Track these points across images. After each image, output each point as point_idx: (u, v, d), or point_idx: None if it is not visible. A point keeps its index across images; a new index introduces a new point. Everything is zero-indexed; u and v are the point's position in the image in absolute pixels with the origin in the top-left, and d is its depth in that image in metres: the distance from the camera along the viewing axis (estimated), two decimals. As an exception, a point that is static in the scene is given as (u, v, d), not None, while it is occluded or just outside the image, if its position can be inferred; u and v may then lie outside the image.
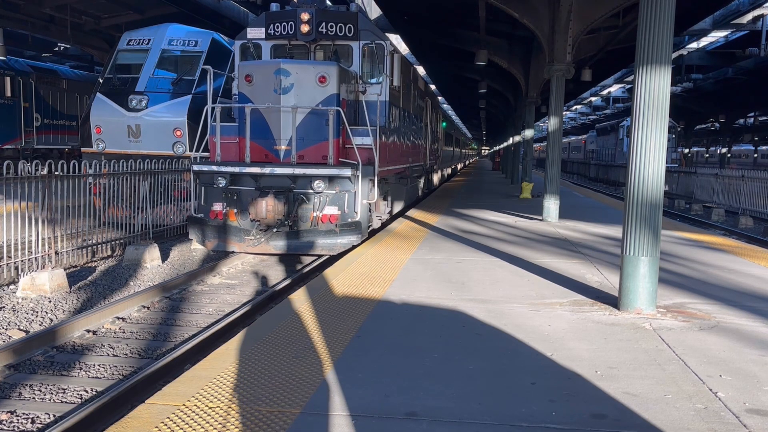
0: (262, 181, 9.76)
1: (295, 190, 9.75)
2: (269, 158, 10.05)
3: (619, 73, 36.59)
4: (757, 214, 19.54)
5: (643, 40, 5.46)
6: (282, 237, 9.78)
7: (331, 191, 9.76)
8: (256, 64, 10.46)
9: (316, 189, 9.64)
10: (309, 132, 9.98)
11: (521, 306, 5.89)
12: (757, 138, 61.75)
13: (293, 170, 9.58)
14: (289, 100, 9.81)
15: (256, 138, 10.00)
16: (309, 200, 9.81)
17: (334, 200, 9.77)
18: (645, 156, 5.48)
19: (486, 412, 3.52)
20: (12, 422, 4.68)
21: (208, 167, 9.98)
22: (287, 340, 4.72)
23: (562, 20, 12.98)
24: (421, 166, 17.76)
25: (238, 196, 9.97)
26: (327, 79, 9.90)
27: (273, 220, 9.59)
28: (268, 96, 9.86)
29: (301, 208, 9.82)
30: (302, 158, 9.94)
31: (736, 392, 3.86)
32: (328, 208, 9.78)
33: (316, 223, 9.75)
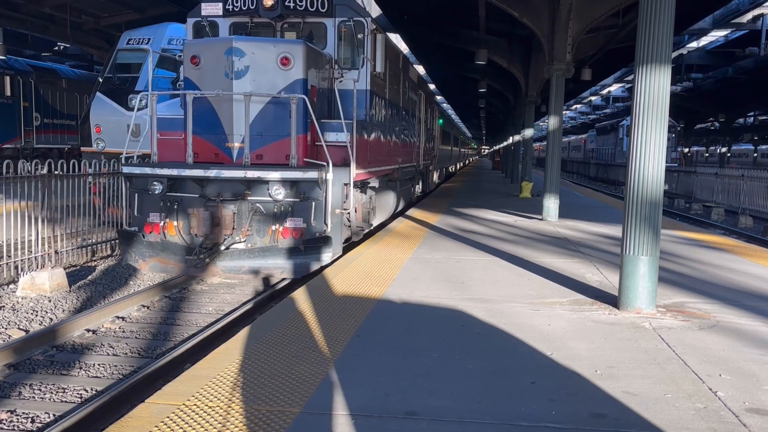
0: (209, 187, 8.11)
1: (249, 197, 8.06)
2: (220, 158, 8.36)
3: (619, 73, 36.63)
4: (757, 214, 19.54)
5: (643, 40, 5.45)
6: (232, 256, 8.06)
7: (295, 199, 8.07)
8: (203, 42, 8.83)
9: (275, 196, 7.91)
10: (268, 126, 8.31)
11: (521, 305, 5.89)
12: (756, 137, 61.76)
13: (245, 173, 7.82)
14: (244, 87, 8.11)
15: (204, 133, 8.37)
16: (267, 210, 8.14)
17: (299, 210, 8.10)
18: (645, 155, 5.48)
19: (486, 411, 3.52)
20: (12, 421, 4.68)
21: (140, 169, 8.36)
22: (287, 340, 4.72)
23: (562, 19, 12.98)
24: (413, 167, 16.20)
25: (180, 205, 8.27)
26: (291, 60, 8.22)
27: (219, 235, 7.98)
28: (217, 81, 8.20)
29: (256, 220, 8.19)
30: (260, 158, 8.29)
31: (735, 391, 3.86)
32: (291, 220, 8.10)
33: (276, 238, 8.09)
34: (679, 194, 26.15)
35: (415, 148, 16.58)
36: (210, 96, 8.29)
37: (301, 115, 8.21)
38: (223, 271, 8.09)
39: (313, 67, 8.70)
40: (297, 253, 8.03)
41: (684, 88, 37.66)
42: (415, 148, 16.44)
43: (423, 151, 18.23)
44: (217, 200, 8.07)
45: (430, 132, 21.17)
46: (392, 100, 12.25)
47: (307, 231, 8.14)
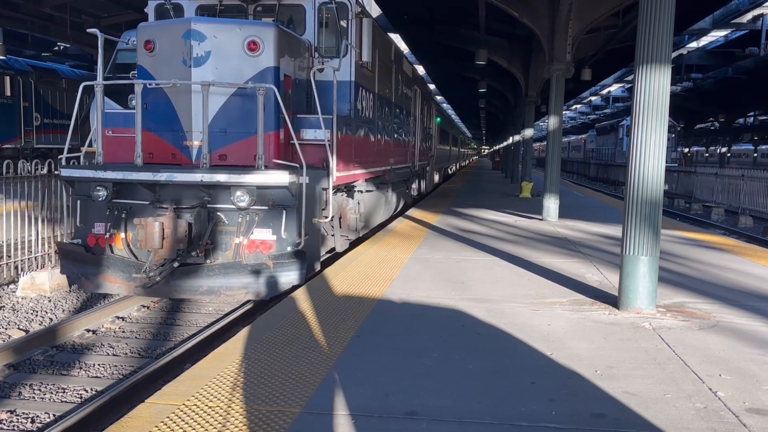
0: (162, 193, 6.96)
1: (209, 205, 6.96)
2: (177, 159, 7.20)
3: (619, 73, 36.62)
4: (757, 214, 19.54)
5: (643, 40, 5.45)
6: (188, 275, 6.90)
7: (262, 207, 6.92)
8: (158, 25, 7.70)
9: (238, 203, 6.76)
10: (233, 121, 7.21)
11: (521, 305, 5.89)
12: (756, 137, 61.76)
13: (201, 176, 6.69)
14: (204, 75, 6.99)
15: (160, 130, 7.27)
16: (230, 220, 7.05)
17: (267, 220, 6.97)
18: (645, 155, 5.48)
19: (486, 411, 3.52)
20: (12, 422, 4.68)
21: (81, 172, 7.20)
22: (287, 340, 4.72)
23: (562, 19, 12.98)
24: (408, 168, 15.11)
25: (129, 214, 7.16)
26: (260, 45, 7.15)
27: (171, 249, 6.79)
28: (174, 70, 7.07)
29: (217, 231, 7.04)
30: (224, 159, 7.21)
31: (735, 391, 3.86)
32: (258, 231, 6.97)
33: (240, 253, 6.92)
34: (679, 194, 26.16)
35: (410, 147, 15.62)
36: (166, 87, 7.16)
37: (271, 109, 7.10)
38: (177, 292, 6.94)
39: (288, 55, 7.60)
40: (264, 271, 6.85)
41: (684, 88, 37.66)
42: (409, 147, 15.50)
43: (419, 151, 17.26)
44: (170, 208, 6.84)
45: (427, 131, 20.22)
46: (383, 94, 11.21)
47: (278, 244, 6.95)
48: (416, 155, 16.64)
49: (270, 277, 6.86)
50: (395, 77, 12.61)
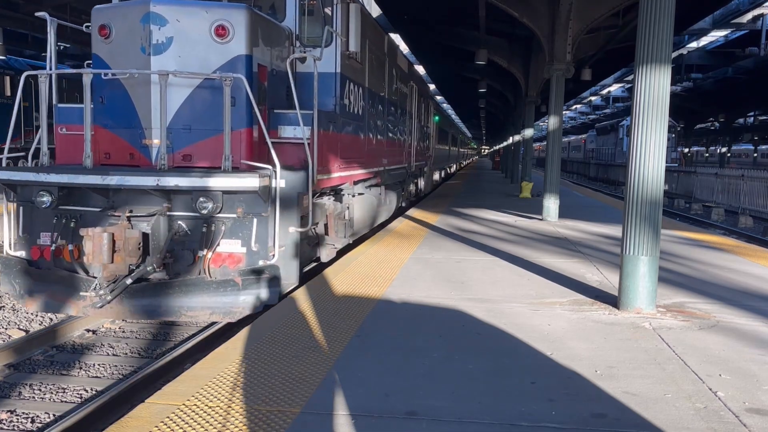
0: (117, 199, 6.24)
1: (169, 212, 6.20)
2: (136, 159, 6.45)
3: (619, 73, 36.65)
4: (757, 214, 19.55)
5: (643, 40, 5.46)
6: (144, 293, 6.09)
7: (230, 215, 6.20)
8: (113, 7, 6.81)
9: (201, 211, 6.03)
10: (199, 117, 6.41)
11: (521, 305, 5.89)
12: (756, 137, 61.77)
13: (157, 180, 5.89)
14: (165, 64, 6.22)
15: (117, 127, 6.50)
16: (193, 230, 6.27)
17: (235, 230, 6.25)
18: (645, 155, 5.48)
19: (486, 411, 3.52)
20: (12, 421, 4.68)
21: (21, 175, 6.35)
22: (287, 340, 4.72)
23: (561, 19, 12.98)
24: (404, 169, 14.31)
25: (78, 223, 6.36)
26: (229, 30, 6.37)
27: (123, 264, 6.00)
28: (132, 58, 6.31)
29: (178, 243, 6.28)
30: (188, 159, 6.45)
31: (735, 391, 3.86)
32: (225, 243, 6.24)
33: (205, 268, 6.17)
34: (679, 194, 26.16)
35: (406, 147, 14.85)
36: (122, 78, 6.39)
37: (242, 103, 6.32)
38: (131, 313, 6.14)
39: (264, 42, 6.84)
40: (232, 289, 6.11)
41: (684, 88, 37.68)
42: (405, 147, 14.68)
43: (416, 150, 16.49)
44: (123, 217, 6.10)
45: (425, 130, 19.44)
46: (374, 89, 10.40)
47: (248, 258, 6.25)
48: (413, 155, 15.91)
49: (238, 296, 6.10)
50: (389, 71, 11.87)
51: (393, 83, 12.50)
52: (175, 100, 6.35)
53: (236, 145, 6.38)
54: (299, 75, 7.36)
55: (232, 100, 6.17)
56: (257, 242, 6.23)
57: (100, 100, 6.61)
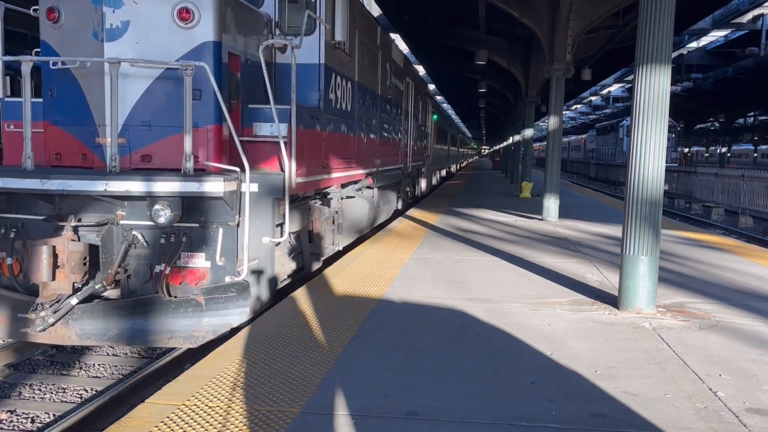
0: (64, 206, 5.61)
1: (123, 221, 5.55)
2: (89, 160, 5.73)
3: (619, 73, 36.67)
4: (757, 214, 19.55)
5: (643, 40, 5.46)
6: (93, 314, 5.38)
7: (191, 224, 5.54)
8: None
9: (157, 219, 5.34)
10: (161, 112, 5.69)
11: (521, 305, 5.89)
12: (756, 137, 61.78)
13: (105, 184, 5.23)
14: (121, 52, 5.49)
15: (68, 123, 5.81)
16: (151, 242, 5.60)
17: (198, 242, 5.59)
18: (645, 155, 5.48)
19: (486, 411, 3.52)
20: (12, 421, 4.68)
21: None
22: (287, 340, 4.72)
23: (562, 19, 12.98)
24: (399, 170, 13.59)
25: (19, 233, 5.71)
26: (194, 14, 5.62)
27: (67, 281, 5.34)
28: (84, 45, 5.60)
29: (133, 256, 5.60)
30: (148, 160, 5.72)
31: (735, 391, 3.86)
32: (186, 256, 5.59)
33: (163, 285, 5.44)
34: (679, 194, 26.16)
35: (402, 147, 14.07)
36: (73, 67, 5.66)
37: (209, 96, 5.57)
38: (78, 336, 5.37)
39: (236, 29, 6.14)
40: (194, 309, 5.45)
41: (684, 88, 37.69)
42: (401, 147, 13.95)
43: (412, 150, 15.68)
44: (67, 226, 5.36)
45: (422, 128, 18.63)
46: (365, 83, 9.67)
47: (212, 274, 5.58)
48: (409, 155, 15.18)
49: (201, 318, 5.44)
50: (382, 66, 11.09)
51: (387, 79, 11.73)
52: (133, 93, 5.64)
53: (202, 144, 5.67)
54: (280, 66, 6.74)
55: (197, 92, 5.54)
56: (223, 255, 5.54)
57: (50, 93, 5.88)
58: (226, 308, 5.47)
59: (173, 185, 5.29)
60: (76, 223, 5.45)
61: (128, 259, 5.58)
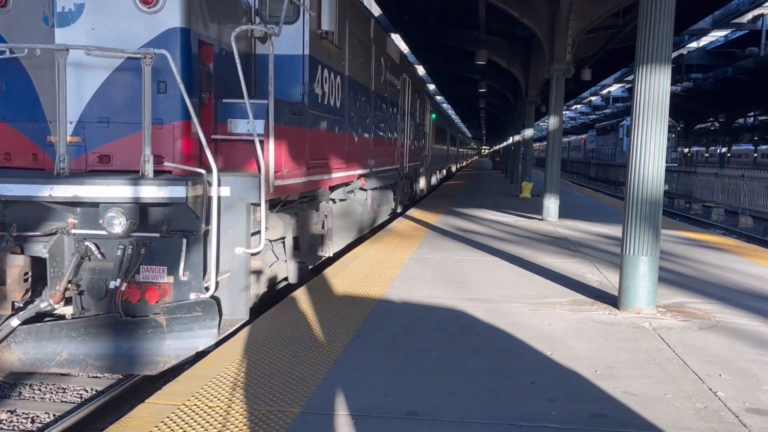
0: (8, 213, 5.13)
1: (74, 231, 5.03)
2: (40, 161, 5.18)
3: (619, 73, 36.65)
4: (757, 214, 19.55)
5: (643, 40, 5.46)
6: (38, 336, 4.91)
7: (152, 234, 5.02)
8: None
9: (111, 229, 4.77)
10: (121, 106, 5.10)
11: (521, 305, 5.89)
12: (756, 137, 61.78)
13: (50, 189, 4.71)
14: (74, 38, 4.94)
15: (17, 119, 5.29)
16: (107, 253, 5.04)
17: (159, 254, 5.03)
18: (645, 155, 5.48)
19: (486, 411, 3.52)
20: (12, 422, 4.68)
21: None
22: (287, 340, 4.72)
23: (562, 19, 12.99)
24: (395, 170, 13.01)
25: None
26: None
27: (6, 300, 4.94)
28: (34, 31, 5.09)
29: (87, 270, 5.04)
30: (107, 160, 5.13)
31: (735, 392, 3.86)
32: (146, 270, 5.02)
33: (118, 303, 4.90)
34: (679, 194, 26.16)
35: (398, 146, 13.49)
36: (21, 56, 5.05)
37: (176, 89, 4.94)
38: (21, 362, 4.90)
39: (209, 15, 5.52)
40: (154, 331, 4.91)
41: (684, 88, 37.69)
42: (397, 146, 13.37)
43: (409, 150, 15.01)
44: (7, 236, 4.88)
45: (420, 128, 18.00)
46: (357, 78, 9.08)
47: (175, 290, 5.01)
48: (406, 155, 14.57)
49: (162, 341, 4.89)
50: (376, 60, 10.47)
51: (381, 74, 11.13)
52: (89, 86, 5.05)
53: (168, 143, 5.11)
54: (261, 58, 6.05)
55: (162, 85, 5.03)
56: (188, 269, 4.96)
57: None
58: (190, 329, 4.91)
59: (128, 190, 4.72)
60: (17, 232, 4.90)
61: (81, 273, 4.99)
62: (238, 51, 5.55)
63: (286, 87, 6.40)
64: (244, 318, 5.40)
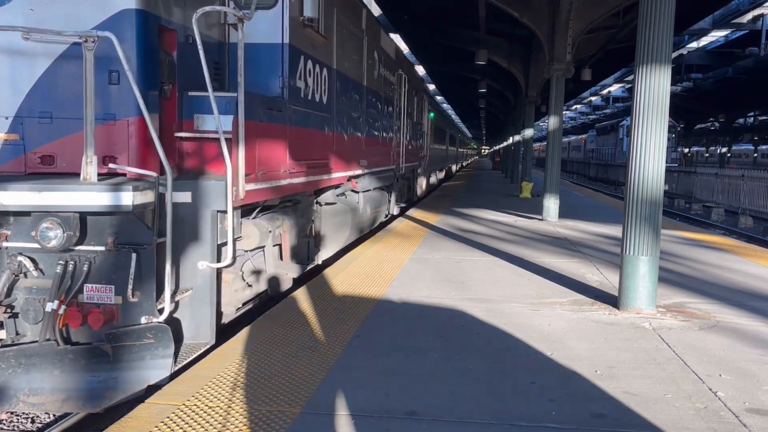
0: None
1: (5, 243, 4.39)
2: None
3: (619, 73, 36.67)
4: (757, 214, 19.55)
5: (643, 40, 5.46)
6: None
7: (96, 248, 4.35)
8: None
9: (44, 242, 4.18)
10: (66, 100, 4.54)
11: (521, 305, 5.89)
12: (756, 137, 61.79)
13: None
14: (10, 19, 4.44)
15: None
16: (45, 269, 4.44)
17: (105, 271, 4.37)
18: (645, 155, 5.48)
19: (486, 411, 3.52)
20: (12, 421, 4.68)
21: None
22: (287, 340, 4.72)
23: (562, 19, 12.99)
24: (390, 171, 12.47)
25: None
26: None
27: None
28: None
29: (23, 290, 4.43)
30: (50, 161, 4.61)
31: (735, 392, 3.86)
32: (90, 289, 4.36)
33: (55, 328, 4.27)
34: (679, 194, 26.16)
35: (394, 146, 12.95)
36: None
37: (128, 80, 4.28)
38: None
39: None
40: (98, 362, 4.26)
41: (684, 88, 37.70)
42: (392, 146, 12.78)
43: (406, 150, 14.35)
44: None
45: (418, 126, 17.40)
46: (346, 72, 8.42)
47: (123, 313, 4.36)
48: (402, 155, 13.93)
49: (107, 374, 4.25)
50: (369, 54, 9.82)
51: (375, 69, 10.42)
52: (28, 76, 4.50)
53: (121, 142, 4.52)
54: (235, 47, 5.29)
55: (114, 75, 4.44)
56: (138, 289, 4.30)
57: None
58: (140, 359, 4.28)
59: (62, 197, 4.10)
60: None
61: (15, 293, 4.37)
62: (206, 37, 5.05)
63: (264, 80, 5.85)
64: (209, 342, 4.81)
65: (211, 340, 4.82)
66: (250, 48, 5.36)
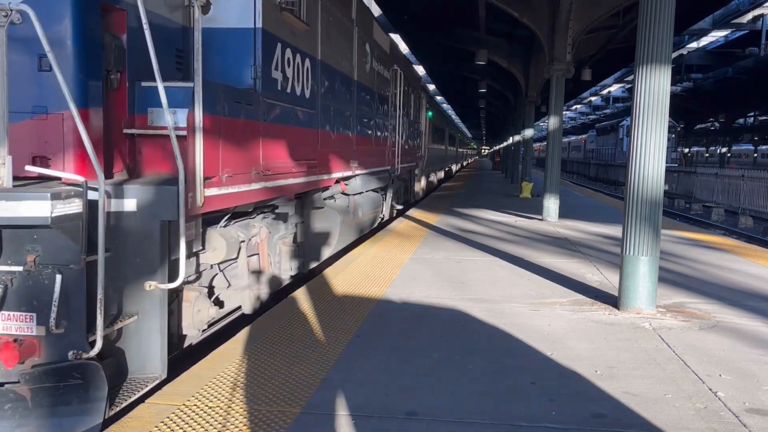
0: None
1: None
2: None
3: (619, 73, 36.69)
4: (757, 214, 19.56)
5: (643, 40, 5.46)
6: None
7: (13, 268, 3.57)
8: None
9: None
10: None
11: (521, 305, 5.89)
12: (756, 138, 61.80)
13: None
14: None
15: None
16: None
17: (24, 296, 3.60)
18: (645, 155, 5.48)
19: (486, 411, 3.52)
20: (12, 422, 4.68)
21: None
22: (287, 340, 4.72)
23: (562, 20, 12.99)
24: (385, 173, 11.94)
25: None
26: None
27: None
28: None
29: None
30: None
31: (735, 392, 3.86)
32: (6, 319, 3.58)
33: None
34: (679, 194, 26.17)
35: (389, 145, 12.28)
36: None
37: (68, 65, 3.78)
38: None
39: None
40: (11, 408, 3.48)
41: (684, 88, 37.72)
42: (387, 145, 12.09)
43: (402, 150, 13.61)
44: None
45: (415, 125, 16.75)
46: (333, 64, 7.73)
47: (46, 347, 3.60)
48: (398, 156, 13.14)
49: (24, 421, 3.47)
50: (359, 45, 9.16)
51: (367, 63, 9.73)
52: None
53: (55, 139, 3.88)
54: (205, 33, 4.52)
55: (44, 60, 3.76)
56: (64, 317, 3.56)
57: None
58: (66, 404, 3.52)
59: None
60: None
61: None
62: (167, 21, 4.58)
63: (234, 69, 5.20)
64: (159, 376, 4.08)
65: (162, 374, 4.08)
66: (217, 33, 4.89)
